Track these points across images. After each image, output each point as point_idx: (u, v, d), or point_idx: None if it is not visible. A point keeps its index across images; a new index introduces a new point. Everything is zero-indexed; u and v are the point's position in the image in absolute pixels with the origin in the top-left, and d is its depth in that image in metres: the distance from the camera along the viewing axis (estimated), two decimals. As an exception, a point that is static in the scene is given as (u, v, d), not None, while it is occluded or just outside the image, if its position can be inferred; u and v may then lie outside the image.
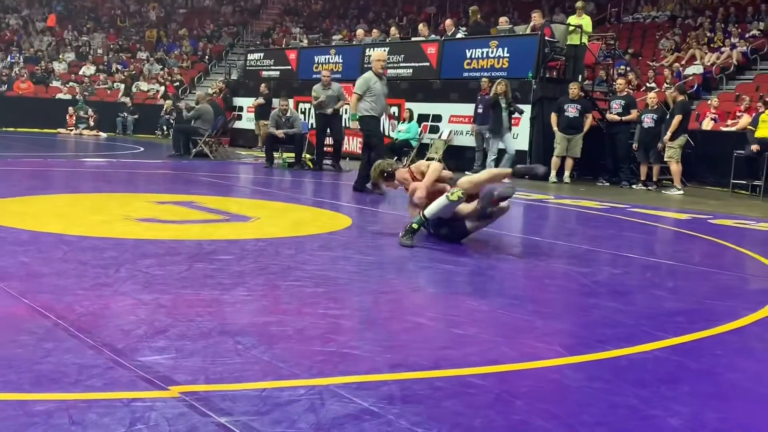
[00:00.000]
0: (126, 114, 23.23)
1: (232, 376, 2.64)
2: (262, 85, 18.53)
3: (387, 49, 15.56)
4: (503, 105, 12.67)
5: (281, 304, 3.79)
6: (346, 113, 14.69)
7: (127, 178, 10.63)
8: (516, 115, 13.05)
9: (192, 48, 29.20)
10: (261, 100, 18.22)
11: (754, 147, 11.38)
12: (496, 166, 12.03)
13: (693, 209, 9.50)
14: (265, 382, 2.59)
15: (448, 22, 16.60)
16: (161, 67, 27.23)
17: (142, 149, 16.78)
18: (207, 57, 28.62)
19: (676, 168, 11.95)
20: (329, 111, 12.53)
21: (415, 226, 5.63)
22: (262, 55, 20.54)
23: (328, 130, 13.01)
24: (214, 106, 16.29)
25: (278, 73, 19.30)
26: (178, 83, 26.18)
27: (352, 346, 3.08)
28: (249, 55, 21.09)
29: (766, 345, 3.54)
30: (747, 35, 18.94)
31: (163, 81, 25.92)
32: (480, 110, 13.67)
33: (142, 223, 6.09)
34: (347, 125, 14.70)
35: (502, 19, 16.01)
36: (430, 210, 5.62)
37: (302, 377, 2.67)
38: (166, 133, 21.51)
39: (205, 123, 14.75)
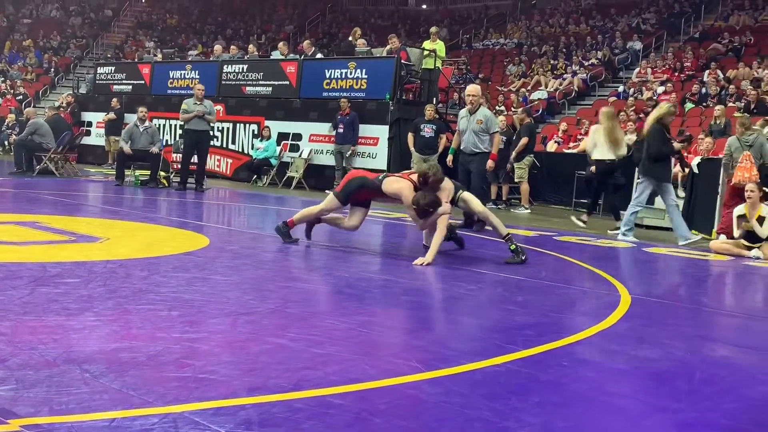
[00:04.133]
0: (-37, 128, 21.64)
1: (79, 406, 2.50)
2: (114, 99, 17.83)
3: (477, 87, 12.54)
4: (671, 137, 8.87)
5: (133, 329, 3.64)
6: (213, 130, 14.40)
7: (-38, 197, 9.87)
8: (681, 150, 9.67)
9: (37, 60, 27.68)
10: (112, 115, 17.51)
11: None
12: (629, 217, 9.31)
13: (539, 227, 10.01)
14: (114, 412, 2.47)
15: (306, 43, 16.66)
16: (2, 79, 25.61)
17: (-21, 166, 15.66)
18: (53, 69, 27.19)
19: (524, 188, 12.57)
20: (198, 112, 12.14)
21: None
22: (113, 68, 19.77)
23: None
24: (59, 121, 15.44)
25: (131, 87, 18.64)
26: (21, 96, 24.70)
27: (209, 371, 3.00)
28: (99, 68, 20.23)
29: (607, 355, 3.77)
30: (586, 63, 20.30)
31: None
32: (341, 129, 13.79)
33: (-21, 245, 5.68)
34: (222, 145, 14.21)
35: (360, 42, 16.25)
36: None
37: (155, 405, 2.57)
38: (7, 148, 20.20)
39: (44, 138, 13.91)
